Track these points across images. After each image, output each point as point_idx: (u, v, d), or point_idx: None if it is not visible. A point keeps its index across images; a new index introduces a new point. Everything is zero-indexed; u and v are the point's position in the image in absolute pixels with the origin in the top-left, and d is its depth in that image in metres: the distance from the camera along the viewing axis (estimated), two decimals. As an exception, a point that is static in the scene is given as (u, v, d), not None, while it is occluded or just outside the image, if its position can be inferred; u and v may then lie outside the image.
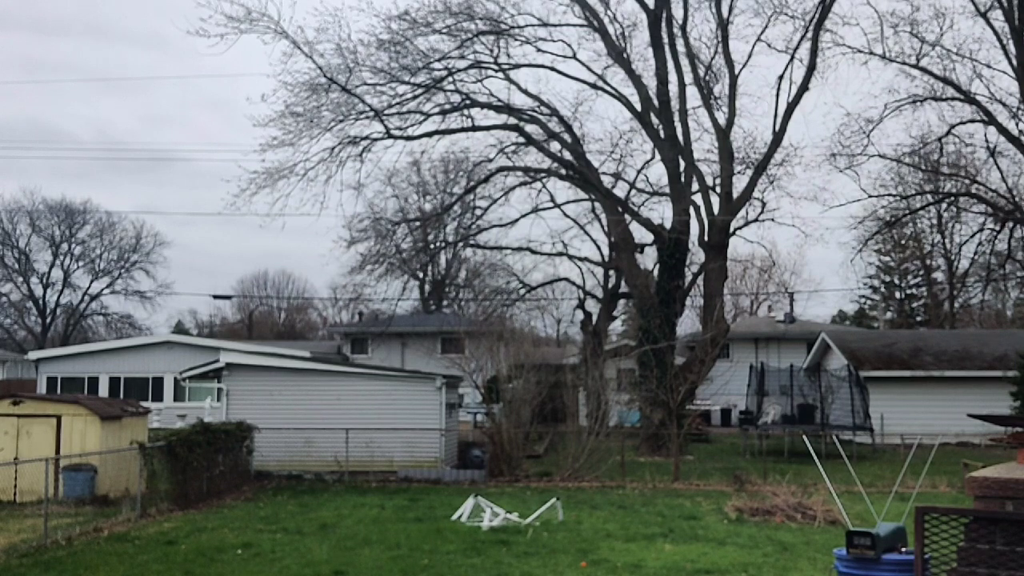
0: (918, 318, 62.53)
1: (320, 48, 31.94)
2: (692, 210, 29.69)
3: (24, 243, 67.07)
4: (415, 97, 28.56)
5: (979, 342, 34.67)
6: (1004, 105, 30.97)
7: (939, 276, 59.86)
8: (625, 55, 30.09)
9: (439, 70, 28.47)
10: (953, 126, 32.26)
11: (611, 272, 38.35)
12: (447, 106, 29.11)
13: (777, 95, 29.98)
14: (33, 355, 39.77)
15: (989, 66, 30.81)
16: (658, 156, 31.58)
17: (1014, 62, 29.54)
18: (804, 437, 14.62)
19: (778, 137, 29.89)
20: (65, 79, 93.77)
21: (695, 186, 30.08)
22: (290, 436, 21.91)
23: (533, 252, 36.71)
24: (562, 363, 31.11)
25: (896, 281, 64.20)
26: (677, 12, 30.17)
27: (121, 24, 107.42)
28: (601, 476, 20.95)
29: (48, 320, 68.36)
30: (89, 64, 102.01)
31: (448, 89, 28.87)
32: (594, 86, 30.90)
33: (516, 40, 29.35)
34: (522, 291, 39.46)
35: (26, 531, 14.29)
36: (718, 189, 30.35)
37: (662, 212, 34.35)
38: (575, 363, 29.91)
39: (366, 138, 28.26)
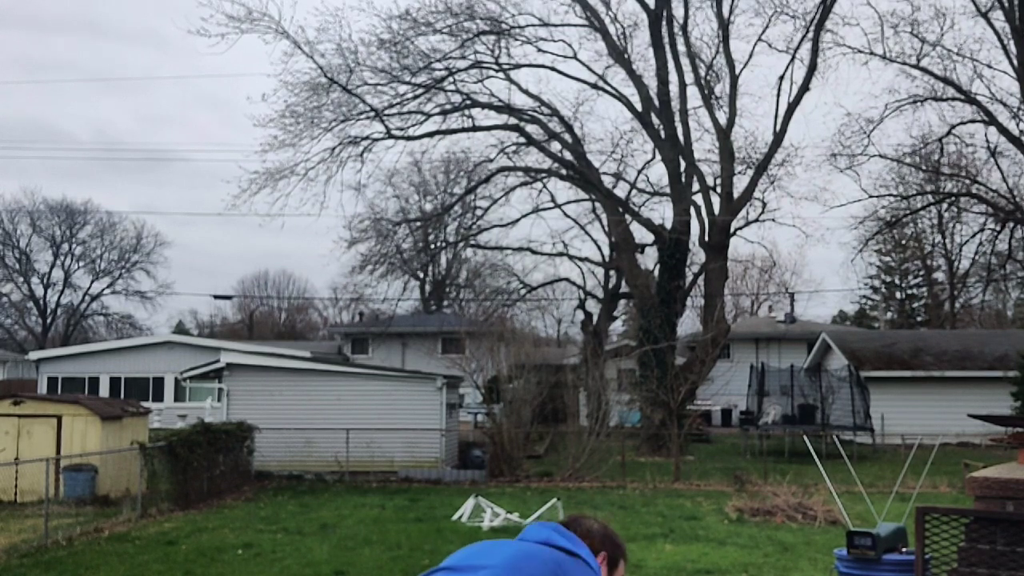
0: (919, 318, 62.51)
1: (321, 48, 32.01)
2: (693, 210, 29.69)
3: (25, 243, 67.09)
4: (416, 97, 28.59)
5: (980, 342, 34.66)
6: (1005, 105, 31.00)
7: (940, 276, 59.86)
8: (626, 55, 30.09)
9: (440, 70, 28.50)
10: (954, 126, 32.28)
11: (612, 272, 38.35)
12: (448, 106, 29.13)
13: (778, 95, 30.00)
14: (34, 355, 39.77)
15: (990, 66, 30.84)
16: (659, 156, 31.58)
17: (1015, 62, 29.54)
18: (805, 437, 14.62)
19: (779, 137, 29.88)
20: (63, 79, 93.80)
21: (696, 186, 30.08)
22: (291, 436, 21.90)
23: (534, 252, 36.75)
24: (563, 363, 31.11)
25: (897, 281, 64.18)
26: (678, 12, 30.22)
27: (120, 23, 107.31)
28: (602, 476, 20.94)
29: (49, 320, 68.35)
30: (87, 63, 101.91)
31: (449, 89, 28.90)
32: (595, 86, 30.91)
33: (517, 40, 29.39)
34: (522, 291, 39.49)
35: (27, 531, 14.29)
36: (719, 189, 30.33)
37: (663, 212, 34.40)
38: (576, 363, 29.91)
39: (367, 138, 28.29)
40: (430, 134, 29.45)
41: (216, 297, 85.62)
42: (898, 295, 64.64)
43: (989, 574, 5.28)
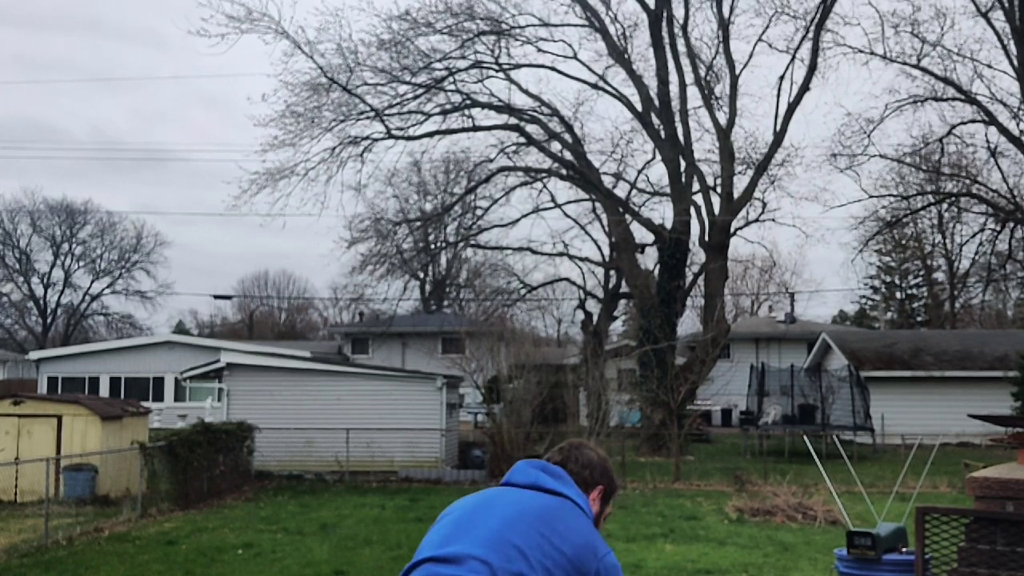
0: (919, 318, 62.50)
1: (321, 48, 31.91)
2: (693, 210, 29.68)
3: (25, 243, 67.12)
4: (416, 97, 28.59)
5: (980, 342, 34.65)
6: (1005, 105, 31.00)
7: (940, 276, 59.86)
8: (626, 55, 30.09)
9: (440, 70, 28.51)
10: (954, 126, 32.27)
11: (612, 272, 38.33)
12: (448, 106, 29.13)
13: (778, 95, 29.99)
14: (34, 355, 39.78)
15: (990, 66, 30.84)
16: (659, 156, 31.57)
17: (1015, 62, 29.54)
18: (805, 437, 14.62)
19: (779, 137, 29.87)
20: (61, 77, 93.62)
21: (696, 186, 30.07)
22: (291, 436, 21.91)
23: (534, 252, 36.72)
24: (563, 363, 31.10)
25: (897, 281, 64.18)
26: (678, 12, 30.21)
27: (118, 21, 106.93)
28: (602, 476, 20.90)
29: (49, 320, 68.35)
30: (85, 62, 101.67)
31: (449, 89, 28.90)
32: (595, 86, 30.90)
33: (517, 40, 29.40)
34: (523, 291, 39.45)
35: (27, 531, 14.30)
36: (719, 189, 30.33)
37: (663, 212, 34.38)
38: (576, 363, 29.90)
39: (367, 138, 28.29)
40: (430, 134, 29.47)
41: (216, 297, 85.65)
42: (898, 295, 64.65)
43: (989, 574, 5.28)
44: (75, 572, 11.32)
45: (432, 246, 38.65)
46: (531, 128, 29.92)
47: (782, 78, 29.99)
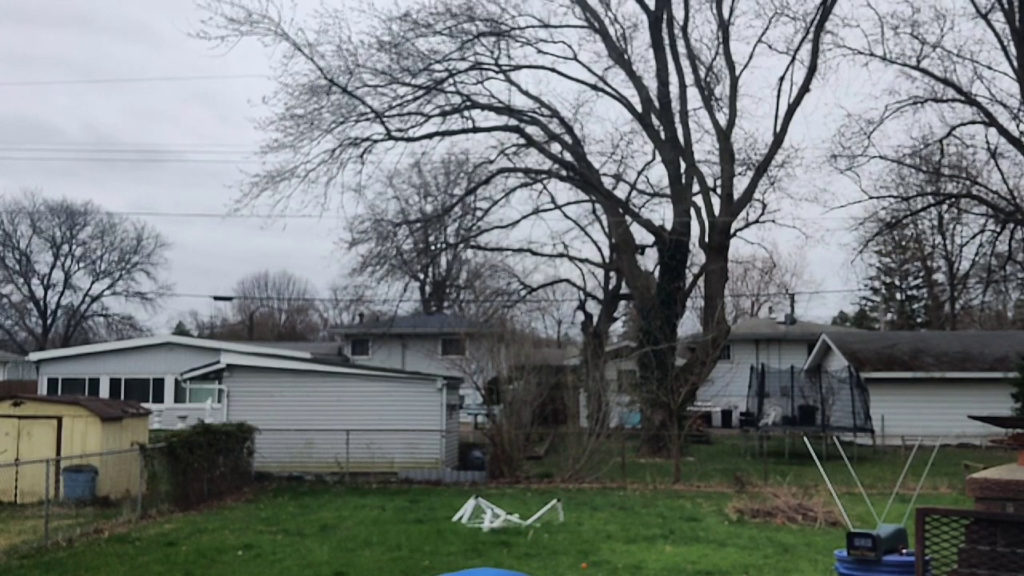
0: (919, 319, 62.53)
1: (321, 50, 31.92)
2: (693, 211, 29.68)
3: (25, 244, 67.22)
4: (416, 99, 28.58)
5: (980, 343, 34.66)
6: (1005, 106, 30.99)
7: (940, 277, 59.89)
8: (626, 56, 30.10)
9: (440, 71, 28.50)
10: (954, 127, 32.27)
11: (612, 273, 38.34)
12: (448, 107, 29.12)
13: (778, 96, 30.00)
14: (34, 356, 39.83)
15: (990, 67, 30.85)
16: (659, 157, 31.58)
17: (1015, 63, 29.54)
18: (805, 438, 14.63)
19: (779, 138, 29.87)
20: (52, 73, 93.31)
21: (696, 187, 30.07)
22: (291, 437, 21.91)
23: (534, 253, 36.70)
24: (563, 364, 31.13)
25: (897, 282, 64.22)
26: (678, 13, 30.22)
27: (107, 16, 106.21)
28: (602, 477, 20.94)
29: (49, 321, 68.39)
30: (76, 57, 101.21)
31: (449, 91, 28.90)
32: (595, 87, 30.91)
33: (517, 41, 29.41)
34: (523, 292, 39.44)
35: (27, 532, 14.30)
36: (719, 190, 30.33)
37: (663, 213, 34.39)
38: (576, 364, 29.92)
39: (367, 140, 28.29)
40: (430, 135, 29.46)
41: (216, 298, 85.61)
42: (898, 296, 64.68)
43: (989, 575, 5.29)
44: (75, 573, 11.33)
45: (432, 247, 38.66)
46: (531, 129, 29.93)
47: (782, 79, 30.04)
